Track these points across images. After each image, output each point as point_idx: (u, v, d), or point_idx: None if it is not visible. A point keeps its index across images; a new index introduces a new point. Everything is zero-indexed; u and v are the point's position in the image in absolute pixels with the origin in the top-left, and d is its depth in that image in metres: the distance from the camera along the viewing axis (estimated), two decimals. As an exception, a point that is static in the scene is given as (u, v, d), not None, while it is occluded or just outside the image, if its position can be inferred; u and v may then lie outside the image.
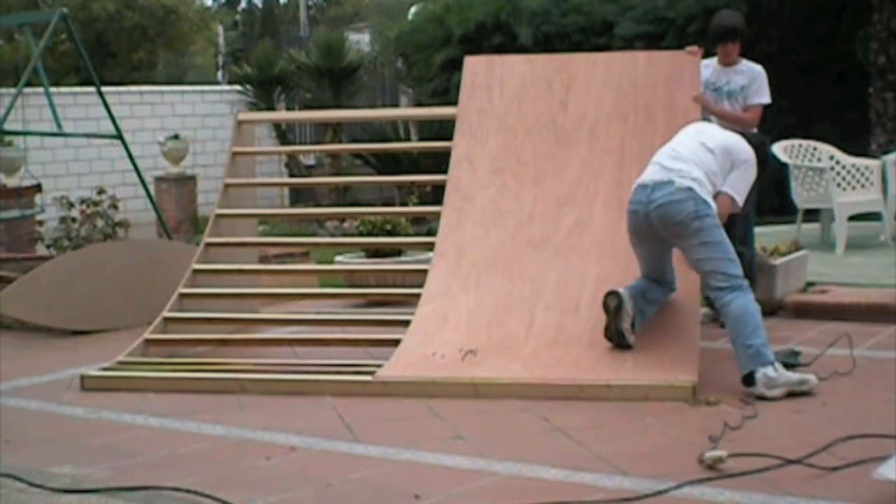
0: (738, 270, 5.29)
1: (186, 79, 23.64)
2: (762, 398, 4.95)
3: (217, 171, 13.70)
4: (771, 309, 6.77)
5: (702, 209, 5.29)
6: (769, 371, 5.00)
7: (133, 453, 4.55)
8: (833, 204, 8.80)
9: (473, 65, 6.97)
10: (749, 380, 5.05)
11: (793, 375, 5.09)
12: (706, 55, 6.58)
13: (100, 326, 7.51)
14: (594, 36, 13.17)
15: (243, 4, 34.01)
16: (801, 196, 9.06)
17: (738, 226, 6.36)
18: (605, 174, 6.34)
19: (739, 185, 5.53)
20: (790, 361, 5.39)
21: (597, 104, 6.58)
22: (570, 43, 12.94)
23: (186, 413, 5.14)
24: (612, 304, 5.44)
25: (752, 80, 6.40)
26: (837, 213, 8.77)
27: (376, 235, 8.52)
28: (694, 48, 6.54)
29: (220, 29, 27.11)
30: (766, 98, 6.39)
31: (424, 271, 6.36)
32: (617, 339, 5.46)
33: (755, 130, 6.36)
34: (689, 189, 5.32)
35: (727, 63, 6.43)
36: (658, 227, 5.39)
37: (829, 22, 12.09)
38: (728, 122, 6.26)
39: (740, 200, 5.53)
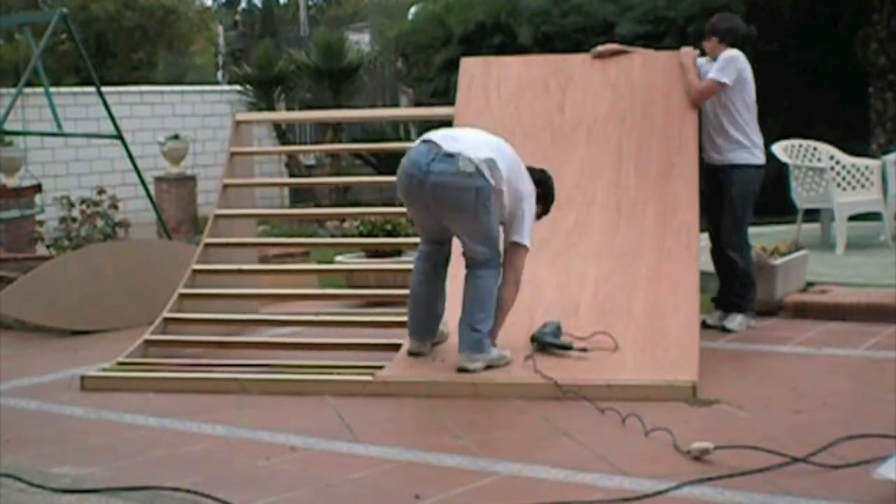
0: (497, 248, 5.46)
1: (186, 79, 23.62)
2: (464, 370, 5.32)
3: (217, 171, 13.66)
4: (771, 309, 6.78)
5: (483, 199, 5.27)
6: (474, 354, 5.35)
7: (133, 453, 4.55)
8: (833, 204, 8.80)
9: (470, 66, 6.96)
10: (464, 356, 5.38)
11: (493, 353, 5.39)
12: (702, 55, 6.58)
13: (100, 326, 7.51)
14: (594, 36, 13.11)
15: (243, 4, 34.03)
16: (801, 196, 9.06)
17: (726, 231, 6.35)
18: (604, 175, 6.34)
19: (529, 228, 5.50)
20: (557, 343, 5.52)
21: (594, 105, 6.58)
22: (570, 43, 12.93)
23: (186, 413, 5.14)
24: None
25: (718, 62, 6.32)
26: (837, 213, 8.77)
27: (376, 235, 8.52)
28: (690, 50, 6.53)
29: (220, 29, 27.13)
30: (723, 77, 6.22)
31: (424, 271, 6.35)
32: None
33: (739, 132, 6.34)
34: (473, 174, 5.25)
35: (711, 57, 6.42)
36: (429, 198, 5.39)
37: (829, 22, 12.10)
38: (687, 88, 6.33)
39: (528, 243, 5.50)
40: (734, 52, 6.32)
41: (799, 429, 4.46)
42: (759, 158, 6.42)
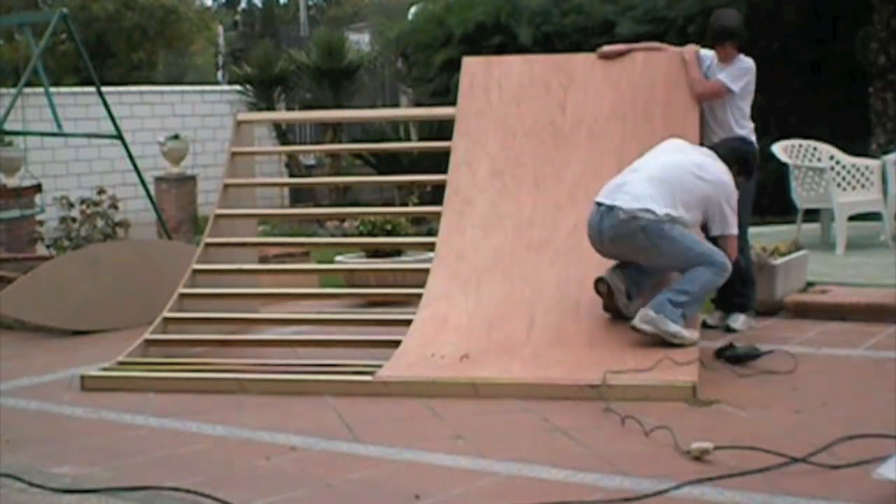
0: (710, 251, 5.52)
1: (186, 79, 23.64)
2: (634, 329, 5.39)
3: (217, 171, 13.69)
4: (771, 309, 6.78)
5: (653, 234, 5.44)
6: (651, 311, 5.38)
7: (133, 453, 4.55)
8: (833, 204, 8.80)
9: (471, 66, 6.96)
10: (641, 312, 5.44)
11: (672, 326, 5.38)
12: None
13: (100, 326, 7.51)
14: (594, 36, 13.15)
15: (243, 4, 34.02)
16: (801, 196, 9.06)
17: None
18: (605, 176, 6.29)
19: (730, 219, 5.65)
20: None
21: (595, 105, 6.58)
22: (570, 43, 12.94)
23: (186, 413, 5.14)
24: (603, 290, 5.67)
25: (734, 67, 6.31)
26: (837, 213, 8.77)
27: (376, 235, 8.52)
28: (692, 47, 6.54)
29: (220, 29, 27.11)
30: (734, 85, 6.26)
31: (424, 271, 6.36)
32: (615, 315, 5.69)
33: (745, 132, 6.33)
34: (634, 219, 5.44)
35: (724, 60, 6.41)
36: (612, 251, 5.66)
37: (829, 22, 12.09)
38: (690, 82, 6.37)
39: (735, 229, 5.69)
40: (750, 63, 6.34)
41: (799, 429, 4.46)
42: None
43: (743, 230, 6.46)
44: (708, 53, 6.48)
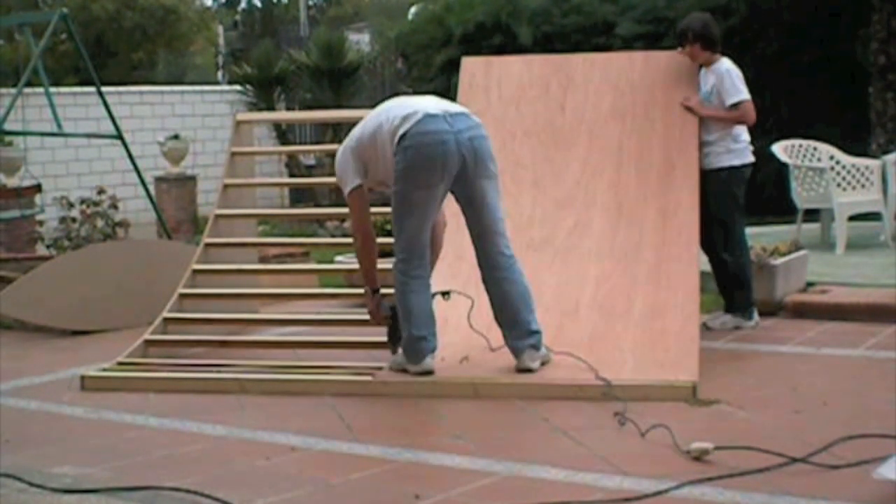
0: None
1: (186, 79, 23.64)
2: (528, 370, 5.27)
3: (217, 171, 13.69)
4: (771, 309, 6.78)
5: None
6: (536, 352, 5.32)
7: (133, 453, 4.55)
8: (833, 204, 8.80)
9: (471, 66, 6.96)
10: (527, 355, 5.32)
11: (543, 349, 5.35)
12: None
13: (100, 326, 7.51)
14: (594, 36, 13.17)
15: (243, 4, 34.03)
16: (801, 196, 9.06)
17: (716, 232, 6.32)
18: (604, 175, 6.33)
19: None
20: None
21: (595, 105, 6.58)
22: (570, 43, 12.94)
23: (186, 413, 5.14)
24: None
25: (720, 79, 6.27)
26: (837, 213, 8.77)
27: (376, 235, 8.50)
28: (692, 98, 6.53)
29: (220, 29, 27.16)
30: (741, 94, 6.22)
31: (424, 271, 6.35)
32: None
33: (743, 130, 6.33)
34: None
35: (700, 65, 6.40)
36: (468, 160, 5.25)
37: (829, 22, 12.09)
38: (723, 122, 6.27)
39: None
40: (730, 64, 6.31)
41: (799, 429, 4.46)
42: (737, 160, 6.34)
43: (732, 231, 6.41)
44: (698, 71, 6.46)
